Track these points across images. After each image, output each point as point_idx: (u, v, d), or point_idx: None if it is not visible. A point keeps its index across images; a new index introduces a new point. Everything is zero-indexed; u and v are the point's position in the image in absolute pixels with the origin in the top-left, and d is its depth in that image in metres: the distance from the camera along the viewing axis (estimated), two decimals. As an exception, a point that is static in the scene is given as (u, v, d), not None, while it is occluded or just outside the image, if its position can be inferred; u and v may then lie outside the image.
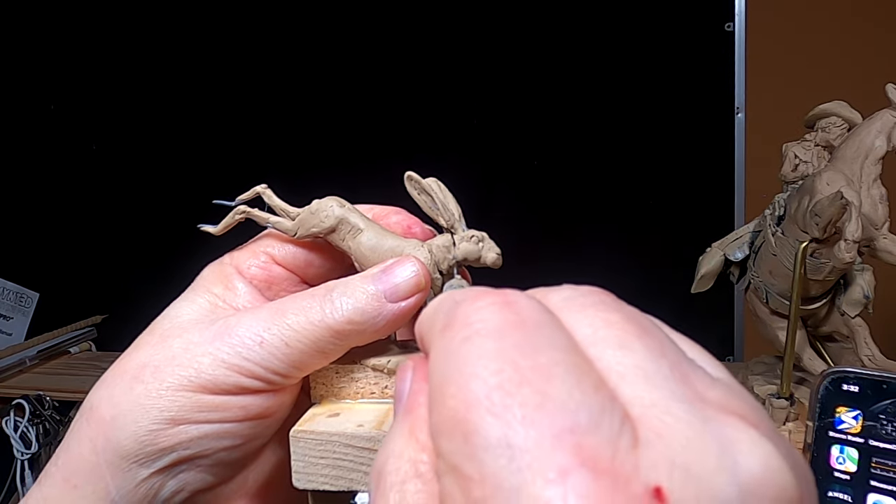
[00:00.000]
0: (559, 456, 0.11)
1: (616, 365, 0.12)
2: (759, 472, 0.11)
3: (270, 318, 0.22)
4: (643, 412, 0.12)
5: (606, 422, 0.11)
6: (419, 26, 0.96)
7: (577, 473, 0.10)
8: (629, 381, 0.12)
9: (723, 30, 0.90)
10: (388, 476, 0.13)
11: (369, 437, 0.20)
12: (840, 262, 0.54)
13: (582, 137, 0.94)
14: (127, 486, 0.21)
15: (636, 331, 0.13)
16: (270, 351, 0.21)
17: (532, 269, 0.80)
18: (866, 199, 0.57)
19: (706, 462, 0.11)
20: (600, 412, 0.11)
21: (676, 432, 0.11)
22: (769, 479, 0.11)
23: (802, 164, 0.64)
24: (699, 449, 0.11)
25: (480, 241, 0.23)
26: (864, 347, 0.58)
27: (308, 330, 0.21)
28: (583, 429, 0.11)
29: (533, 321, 0.13)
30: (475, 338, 0.13)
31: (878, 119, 0.57)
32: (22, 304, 1.07)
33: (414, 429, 0.14)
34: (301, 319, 0.21)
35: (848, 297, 0.59)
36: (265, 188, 0.24)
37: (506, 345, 0.12)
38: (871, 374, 0.38)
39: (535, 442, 0.11)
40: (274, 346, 0.21)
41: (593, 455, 0.11)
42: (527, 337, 0.12)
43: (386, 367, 0.23)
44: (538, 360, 0.12)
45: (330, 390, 0.23)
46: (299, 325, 0.21)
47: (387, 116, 0.97)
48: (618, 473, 0.11)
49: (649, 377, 0.12)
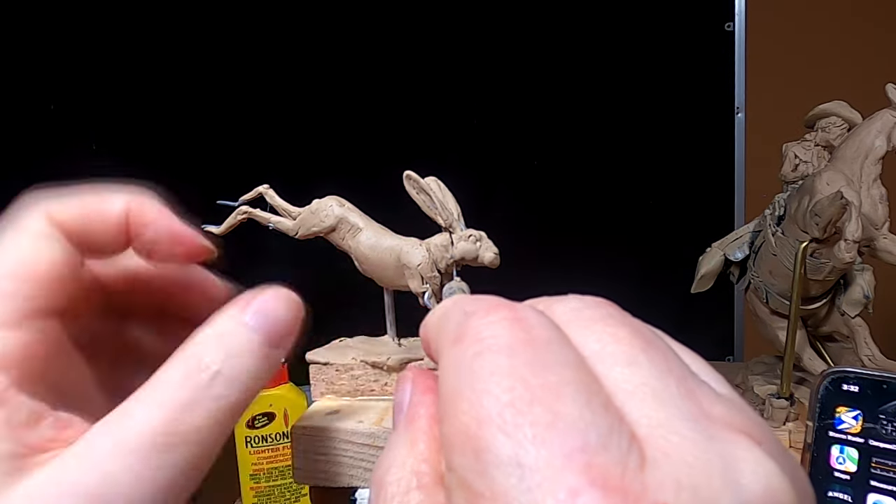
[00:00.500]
0: (569, 476, 0.11)
1: (623, 383, 0.13)
2: (760, 492, 0.11)
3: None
4: (650, 431, 0.12)
5: (615, 442, 0.11)
6: (419, 26, 0.96)
7: (587, 493, 0.11)
8: (636, 399, 0.12)
9: (723, 30, 0.90)
10: (390, 487, 0.13)
11: (369, 433, 0.20)
12: (840, 262, 0.54)
13: (582, 137, 0.94)
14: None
15: (643, 345, 0.13)
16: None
17: (531, 269, 0.80)
18: (866, 199, 0.57)
19: (711, 483, 0.11)
20: (609, 432, 0.11)
21: (682, 451, 0.11)
22: (770, 499, 0.11)
23: (802, 164, 0.64)
24: (704, 469, 0.11)
25: (478, 240, 0.23)
26: (864, 347, 0.58)
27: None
28: (592, 449, 0.11)
29: (543, 338, 0.13)
30: (487, 354, 0.13)
31: (878, 119, 0.57)
32: (22, 304, 1.07)
33: (415, 440, 0.14)
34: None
35: (848, 297, 0.59)
36: (267, 188, 0.25)
37: (517, 362, 0.12)
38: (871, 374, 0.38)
39: (546, 461, 0.11)
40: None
41: (603, 474, 0.11)
42: (537, 355, 0.13)
43: (386, 363, 0.23)
44: (549, 379, 0.12)
45: (330, 387, 0.23)
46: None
47: (387, 116, 0.97)
48: (627, 492, 0.11)
49: (656, 395, 0.13)
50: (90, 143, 1.06)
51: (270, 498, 0.67)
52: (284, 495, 0.67)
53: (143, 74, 1.04)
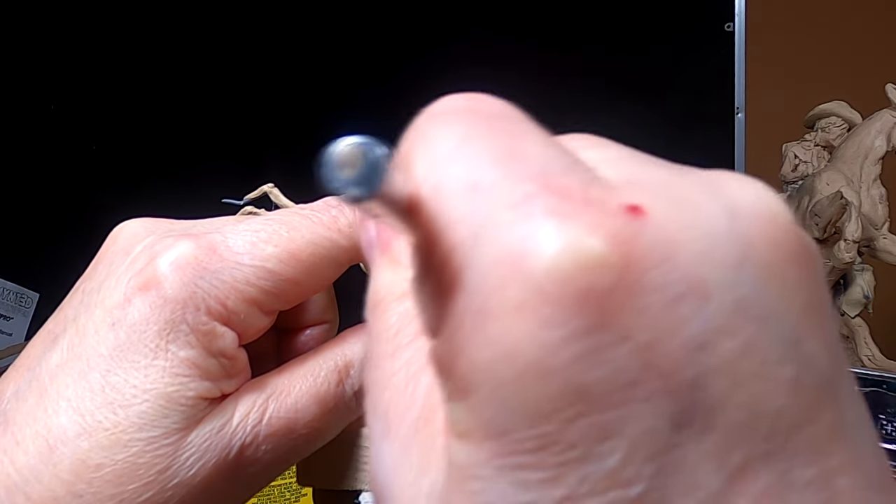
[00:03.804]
0: (527, 186, 0.10)
1: (594, 158, 0.11)
2: (751, 199, 0.10)
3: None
4: (624, 180, 0.11)
5: (580, 171, 0.10)
6: (419, 26, 0.96)
7: (543, 196, 0.09)
8: (609, 165, 0.11)
9: (723, 30, 0.90)
10: (385, 298, 0.13)
11: None
12: (840, 262, 0.54)
13: (582, 137, 0.94)
14: None
15: (609, 142, 0.13)
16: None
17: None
18: (866, 199, 0.57)
19: (691, 192, 0.10)
20: (573, 165, 0.10)
21: (658, 177, 0.11)
22: (763, 206, 0.10)
23: (802, 164, 0.64)
24: (682, 183, 0.10)
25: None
26: (864, 347, 0.58)
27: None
28: (553, 173, 0.10)
29: (507, 109, 0.12)
30: (440, 115, 0.12)
31: (878, 119, 0.57)
32: (22, 304, 1.07)
33: (395, 258, 0.14)
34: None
35: (848, 297, 0.59)
36: (272, 187, 0.25)
37: (477, 119, 0.11)
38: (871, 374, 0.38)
39: (503, 178, 0.10)
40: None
41: (564, 187, 0.10)
42: (501, 114, 0.12)
43: None
44: (508, 126, 0.11)
45: None
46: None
47: (387, 116, 0.97)
48: (590, 200, 0.09)
49: (632, 163, 0.11)
50: (90, 143, 1.06)
51: (270, 498, 0.67)
52: (284, 495, 0.68)
53: (143, 74, 1.04)
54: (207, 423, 0.17)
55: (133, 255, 0.18)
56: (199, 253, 0.18)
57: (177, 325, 0.17)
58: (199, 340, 0.17)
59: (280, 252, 0.18)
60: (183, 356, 0.17)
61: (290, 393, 0.19)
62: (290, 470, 0.28)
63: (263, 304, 0.18)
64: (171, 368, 0.17)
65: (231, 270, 0.18)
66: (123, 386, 0.17)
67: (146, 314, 0.17)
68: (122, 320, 0.17)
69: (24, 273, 1.07)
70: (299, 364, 0.19)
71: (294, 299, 0.19)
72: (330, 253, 0.19)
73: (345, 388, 0.19)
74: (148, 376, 0.17)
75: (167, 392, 0.17)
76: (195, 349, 0.17)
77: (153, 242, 0.18)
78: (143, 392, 0.17)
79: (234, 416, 0.18)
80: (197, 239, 0.18)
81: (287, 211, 0.20)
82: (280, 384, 0.19)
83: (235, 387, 0.18)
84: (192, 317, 0.17)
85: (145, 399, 0.17)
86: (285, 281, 0.18)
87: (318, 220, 0.19)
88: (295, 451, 0.19)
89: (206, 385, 0.17)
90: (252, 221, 0.19)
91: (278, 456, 0.18)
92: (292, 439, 0.18)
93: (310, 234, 0.19)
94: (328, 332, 0.22)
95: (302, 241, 0.19)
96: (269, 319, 0.19)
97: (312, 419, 0.19)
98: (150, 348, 0.17)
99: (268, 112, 1.01)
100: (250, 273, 0.18)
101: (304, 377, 0.19)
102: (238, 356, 0.18)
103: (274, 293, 0.18)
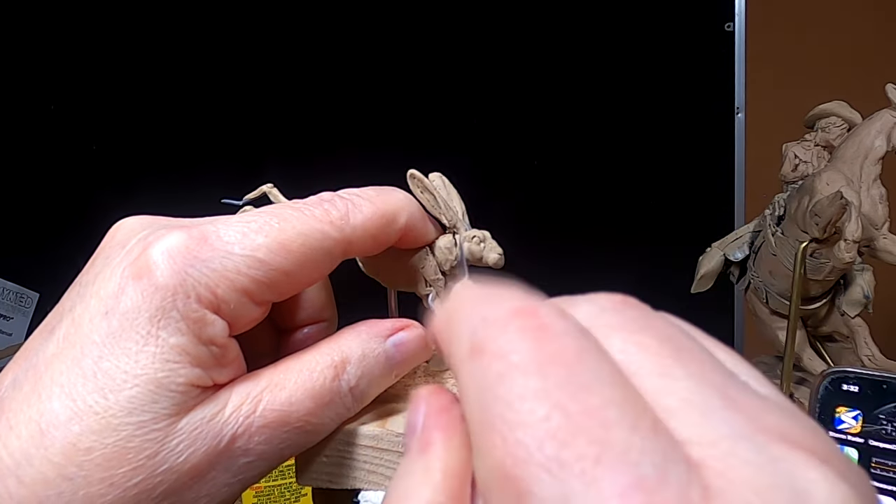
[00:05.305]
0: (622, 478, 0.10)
1: (662, 398, 0.11)
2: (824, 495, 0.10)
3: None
4: (704, 453, 0.11)
5: (673, 472, 0.10)
6: (419, 25, 0.96)
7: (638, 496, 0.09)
8: (680, 417, 0.11)
9: (723, 30, 0.90)
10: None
11: (373, 434, 0.20)
12: (840, 262, 0.54)
13: (582, 137, 0.94)
14: None
15: (672, 353, 0.12)
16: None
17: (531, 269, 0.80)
18: (866, 199, 0.57)
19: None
20: (664, 461, 0.10)
21: (746, 478, 0.10)
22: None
23: (802, 164, 0.64)
24: (773, 499, 0.10)
25: (482, 241, 0.23)
26: (864, 347, 0.58)
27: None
28: (650, 484, 0.10)
29: (573, 350, 0.12)
30: (513, 374, 0.11)
31: (878, 119, 0.57)
32: (22, 304, 1.07)
33: (430, 468, 0.13)
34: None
35: (848, 297, 0.59)
36: (271, 187, 0.25)
37: (549, 384, 0.11)
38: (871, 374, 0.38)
39: (599, 502, 0.10)
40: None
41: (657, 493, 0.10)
42: (571, 372, 0.11)
43: None
44: (588, 402, 0.11)
45: None
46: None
47: (387, 116, 0.97)
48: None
49: (701, 411, 0.11)
50: (90, 143, 1.06)
51: (270, 498, 0.67)
52: (284, 495, 0.67)
53: (143, 74, 1.04)
54: (199, 411, 0.17)
55: (128, 247, 0.19)
56: (190, 242, 0.18)
57: (167, 311, 0.17)
58: (190, 328, 0.17)
59: (270, 242, 0.18)
60: (173, 343, 0.17)
61: (285, 386, 0.19)
62: (290, 470, 0.28)
63: (254, 293, 0.18)
64: (162, 354, 0.17)
65: (221, 259, 0.18)
66: (115, 371, 0.17)
67: (138, 302, 0.17)
68: (115, 308, 0.17)
69: (24, 273, 1.07)
70: (295, 359, 0.19)
71: (286, 290, 0.19)
72: (321, 244, 0.19)
73: (340, 384, 0.19)
74: (138, 362, 0.17)
75: (157, 378, 0.17)
76: (185, 336, 0.17)
77: (147, 234, 0.19)
78: (134, 377, 0.17)
79: (228, 405, 0.18)
80: (189, 230, 0.18)
81: (280, 205, 0.20)
82: (275, 377, 0.19)
83: (228, 377, 0.18)
84: (182, 304, 0.17)
85: (135, 384, 0.17)
86: (275, 271, 0.18)
87: (310, 213, 0.19)
88: (289, 445, 0.19)
89: (196, 372, 0.17)
90: (245, 215, 0.19)
91: (271, 448, 0.18)
92: (286, 432, 0.18)
93: (300, 226, 0.19)
94: (326, 330, 0.22)
95: (292, 232, 0.19)
96: (262, 311, 0.19)
97: (307, 413, 0.19)
98: (142, 335, 0.17)
99: (268, 112, 1.01)
100: (240, 262, 0.18)
101: (300, 371, 0.19)
102: (229, 345, 0.18)
103: (264, 283, 0.18)
